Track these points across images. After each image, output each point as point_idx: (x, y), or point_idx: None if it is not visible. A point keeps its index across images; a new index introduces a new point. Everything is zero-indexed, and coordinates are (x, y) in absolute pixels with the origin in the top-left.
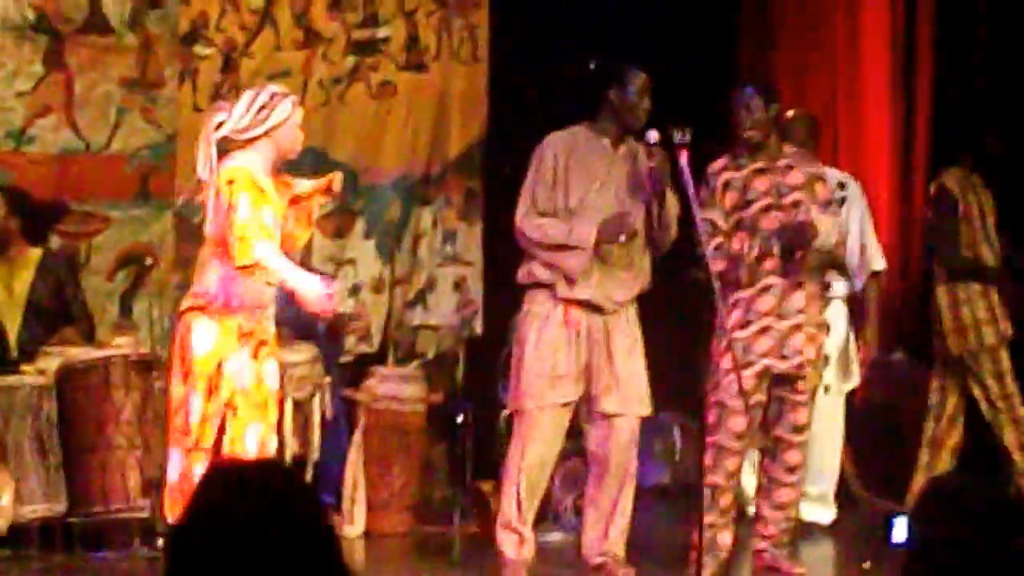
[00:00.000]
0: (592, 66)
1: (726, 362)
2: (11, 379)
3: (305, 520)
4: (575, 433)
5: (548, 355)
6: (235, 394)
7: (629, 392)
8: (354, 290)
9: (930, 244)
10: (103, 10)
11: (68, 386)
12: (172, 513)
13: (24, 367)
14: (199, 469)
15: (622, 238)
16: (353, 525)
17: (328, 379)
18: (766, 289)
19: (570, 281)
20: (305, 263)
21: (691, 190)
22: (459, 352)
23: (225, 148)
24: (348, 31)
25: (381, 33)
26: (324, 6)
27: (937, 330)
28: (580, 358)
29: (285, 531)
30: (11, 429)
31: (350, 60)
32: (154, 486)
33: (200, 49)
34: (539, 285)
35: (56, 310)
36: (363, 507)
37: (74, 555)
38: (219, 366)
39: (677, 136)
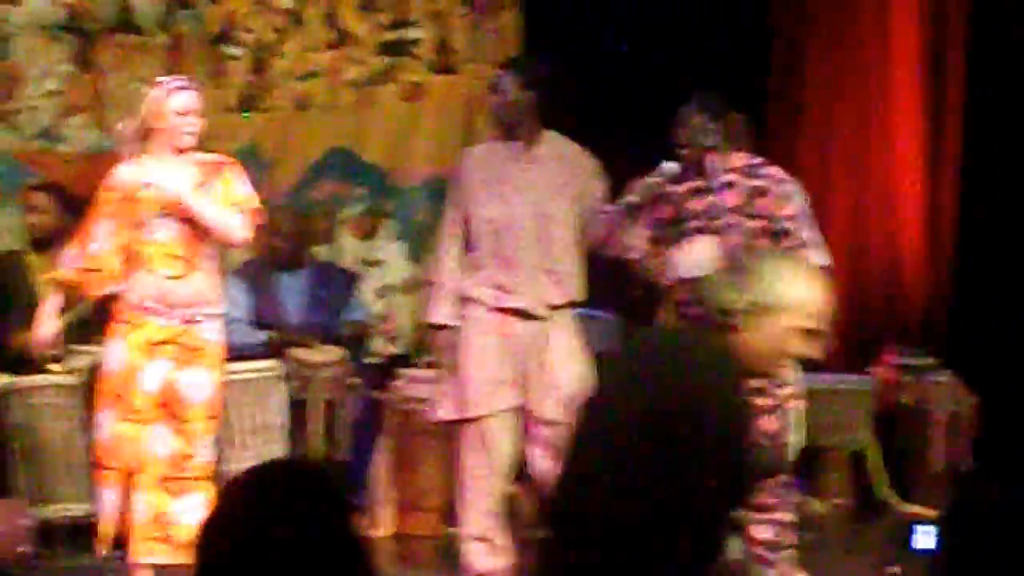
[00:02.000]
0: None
1: None
2: (41, 378)
3: (332, 522)
4: None
5: (489, 362)
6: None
7: (564, 400)
8: (382, 292)
9: None
10: (133, 10)
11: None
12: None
13: (53, 367)
14: None
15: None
16: (380, 527)
17: (356, 380)
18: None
19: (504, 290)
20: (336, 264)
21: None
22: None
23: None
24: (378, 33)
25: (411, 35)
26: (354, 7)
27: None
28: (517, 364)
29: (312, 533)
30: (40, 429)
31: (380, 61)
32: None
33: (230, 49)
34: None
35: (94, 309)
36: (391, 509)
37: (102, 555)
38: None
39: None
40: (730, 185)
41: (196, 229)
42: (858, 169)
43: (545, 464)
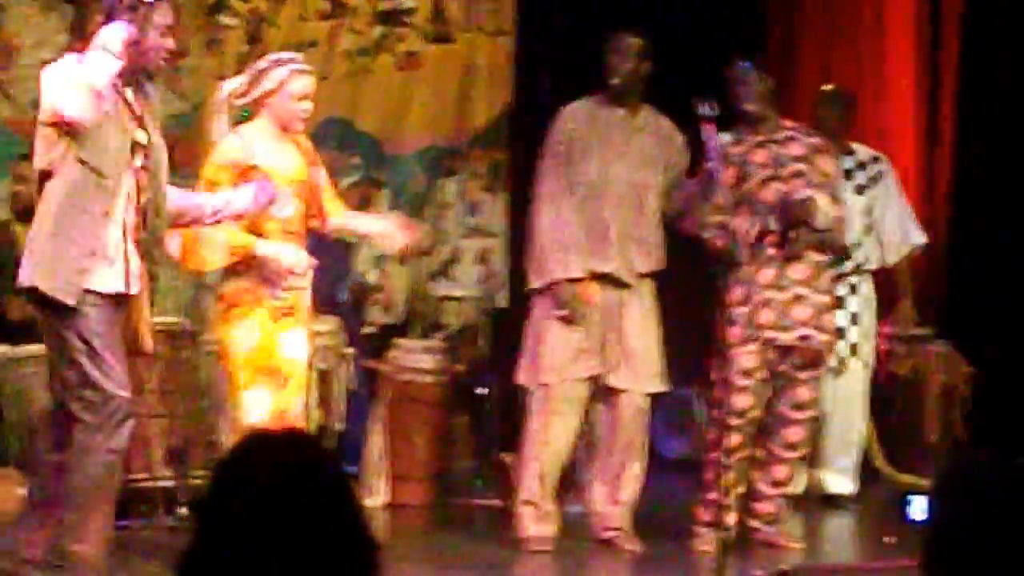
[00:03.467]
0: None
1: (730, 338)
2: (34, 347)
3: (330, 490)
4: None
5: (569, 329)
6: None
7: (639, 368)
8: (378, 261)
9: None
10: None
11: None
12: None
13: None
14: None
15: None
16: (376, 496)
17: (351, 350)
18: (766, 262)
19: (593, 254)
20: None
21: (715, 163)
22: (483, 324)
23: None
24: (374, 2)
25: (406, 4)
26: None
27: None
28: (598, 332)
29: (310, 501)
30: (34, 398)
31: (376, 31)
32: (177, 455)
33: (225, 19)
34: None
35: None
36: (386, 478)
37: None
38: None
39: (704, 110)
40: (791, 139)
41: (310, 206)
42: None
43: (604, 431)
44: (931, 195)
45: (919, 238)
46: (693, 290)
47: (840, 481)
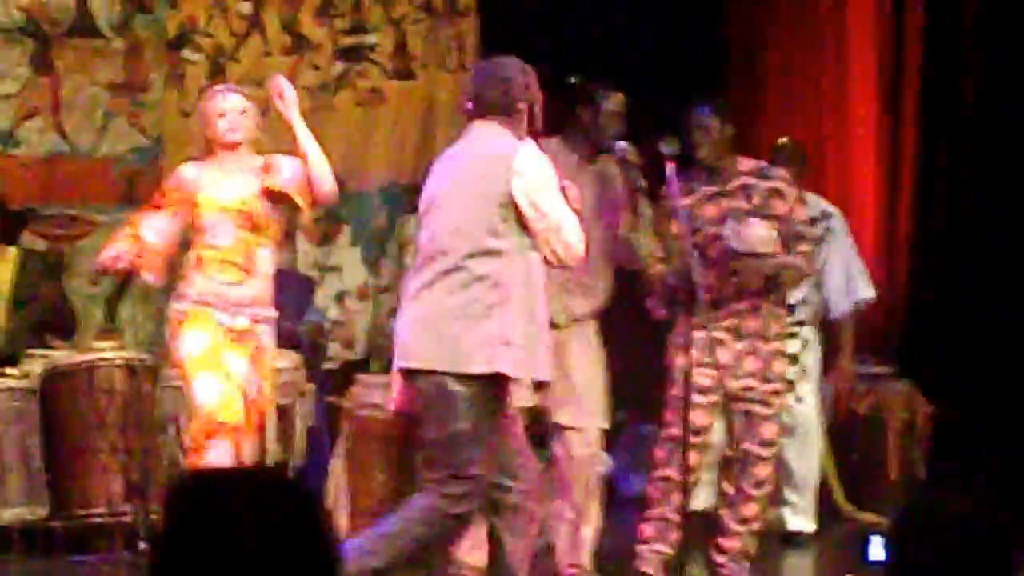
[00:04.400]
0: (573, 80)
1: (682, 362)
2: None
3: (299, 516)
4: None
5: None
6: None
7: (585, 406)
8: (339, 297)
9: None
10: (91, 13)
11: (52, 389)
12: None
13: (8, 370)
14: None
15: None
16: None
17: (311, 386)
18: (720, 308)
19: None
20: (292, 269)
21: (676, 200)
22: None
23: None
24: (336, 38)
25: (369, 40)
26: (312, 12)
27: None
28: None
29: (280, 527)
30: None
31: (338, 67)
32: (137, 491)
33: (188, 54)
34: None
35: (38, 309)
36: (346, 513)
37: (56, 559)
38: None
39: (665, 148)
40: (744, 187)
41: (255, 234)
42: (814, 182)
43: (565, 473)
44: (892, 238)
45: (865, 292)
46: (648, 330)
47: (799, 519)
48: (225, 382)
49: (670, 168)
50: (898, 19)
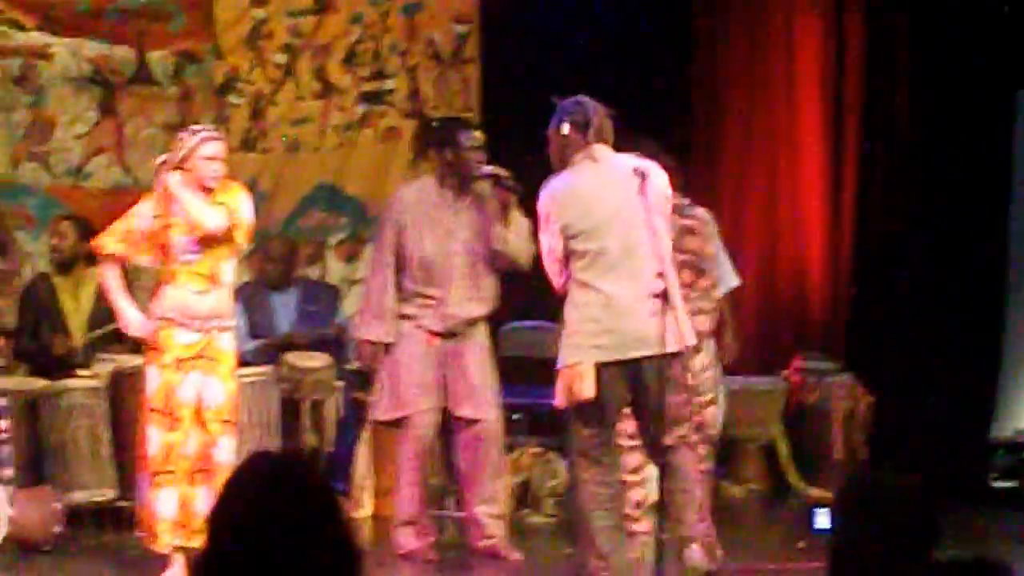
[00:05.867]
0: (553, 100)
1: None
2: (71, 382)
3: (320, 504)
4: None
5: (417, 370)
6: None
7: (481, 399)
8: None
9: None
10: (149, 65)
11: (118, 388)
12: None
13: (81, 372)
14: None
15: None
16: (362, 509)
17: (340, 383)
18: None
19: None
20: (322, 281)
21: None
22: None
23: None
24: (359, 84)
25: (387, 86)
26: (339, 62)
27: None
28: (437, 373)
29: (303, 514)
30: (69, 425)
31: (360, 109)
32: None
33: (233, 99)
34: (404, 315)
35: (111, 322)
36: (371, 493)
37: (122, 535)
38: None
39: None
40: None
41: (217, 252)
42: (768, 204)
43: (465, 457)
44: (836, 247)
45: (735, 281)
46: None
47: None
48: (167, 433)
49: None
50: (839, 58)
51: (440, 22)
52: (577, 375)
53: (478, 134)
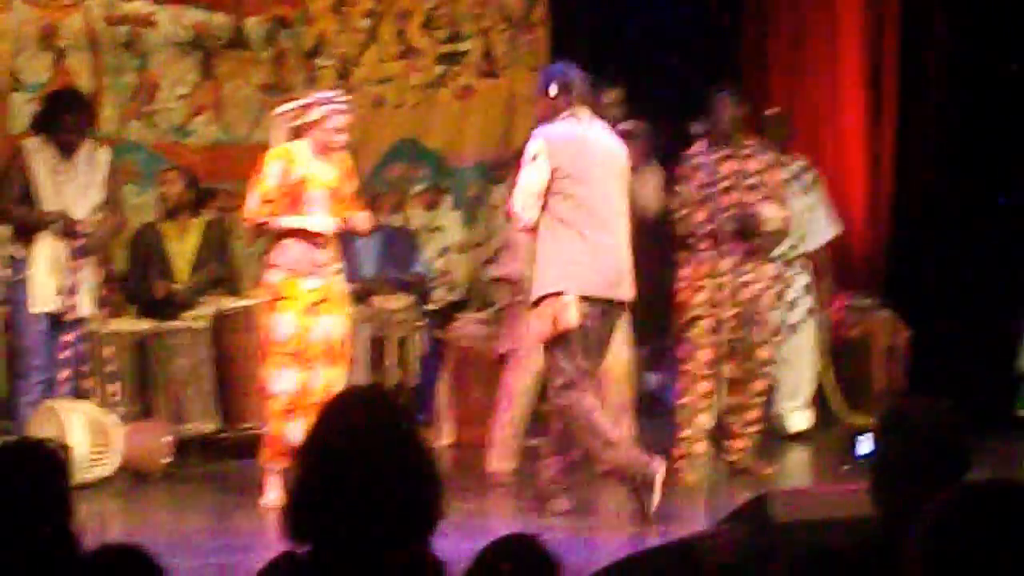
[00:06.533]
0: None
1: (689, 307)
2: (176, 323)
3: (403, 433)
4: None
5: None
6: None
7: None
8: (443, 252)
9: None
10: (244, 30)
11: (220, 329)
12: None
13: (185, 314)
14: None
15: None
16: (442, 438)
17: (423, 322)
18: (724, 254)
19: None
20: (403, 228)
21: (703, 160)
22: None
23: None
24: (436, 46)
25: (462, 47)
26: (418, 26)
27: None
28: None
29: (388, 442)
30: (176, 363)
31: (438, 69)
32: None
33: (321, 61)
34: None
35: (214, 267)
36: (450, 423)
37: (225, 463)
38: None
39: (696, 128)
40: (750, 156)
41: (337, 207)
42: (814, 154)
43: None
44: (877, 194)
45: (833, 231)
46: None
47: (796, 418)
48: (301, 372)
49: (699, 142)
50: (879, 23)
51: None
52: (561, 304)
53: (615, 93)
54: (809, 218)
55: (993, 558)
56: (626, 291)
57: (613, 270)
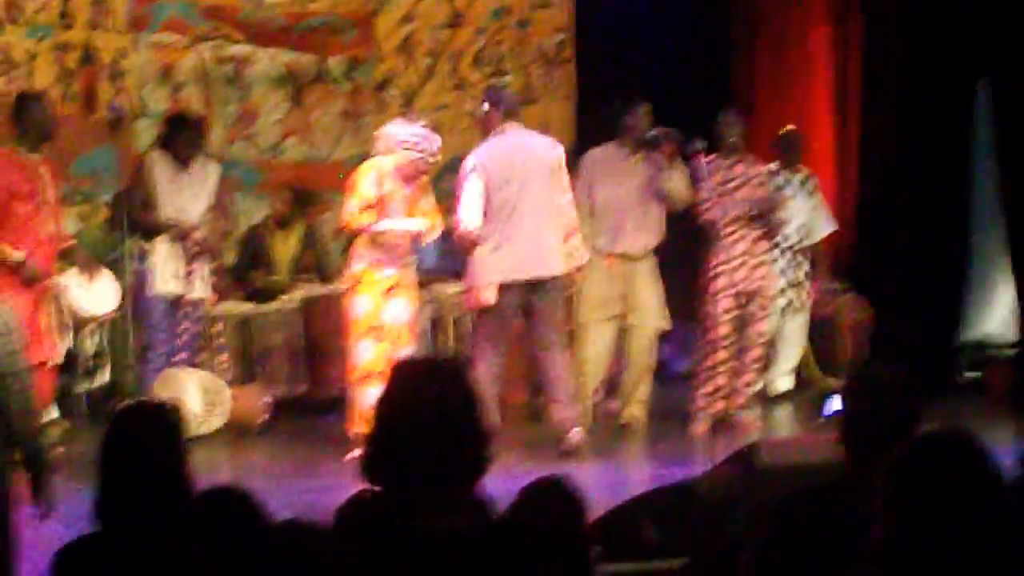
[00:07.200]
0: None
1: (713, 288)
2: (273, 304)
3: (459, 393)
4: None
5: (599, 286)
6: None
7: (649, 310)
8: None
9: None
10: (327, 67)
11: (310, 309)
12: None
13: (280, 297)
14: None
15: None
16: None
17: None
18: (739, 239)
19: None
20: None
21: (703, 180)
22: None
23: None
24: (484, 79)
25: (506, 80)
26: (469, 63)
27: None
28: (618, 288)
29: (447, 400)
30: (272, 337)
31: None
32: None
33: (389, 92)
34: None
35: (307, 261)
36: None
37: (314, 420)
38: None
39: (695, 146)
40: (752, 164)
41: (413, 211)
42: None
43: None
44: (843, 200)
45: (828, 229)
46: (688, 255)
47: (784, 381)
48: (378, 344)
49: (697, 159)
50: (845, 52)
51: (545, 31)
52: (480, 288)
53: (644, 108)
54: (812, 217)
55: (943, 493)
56: (551, 268)
57: (533, 254)
